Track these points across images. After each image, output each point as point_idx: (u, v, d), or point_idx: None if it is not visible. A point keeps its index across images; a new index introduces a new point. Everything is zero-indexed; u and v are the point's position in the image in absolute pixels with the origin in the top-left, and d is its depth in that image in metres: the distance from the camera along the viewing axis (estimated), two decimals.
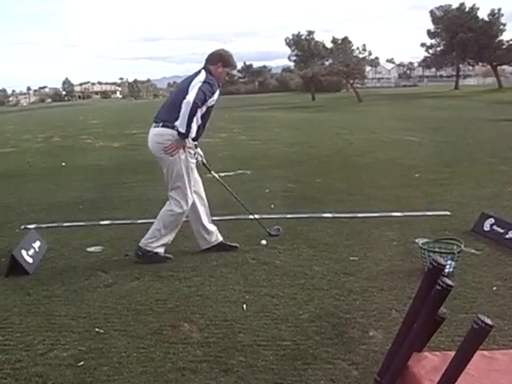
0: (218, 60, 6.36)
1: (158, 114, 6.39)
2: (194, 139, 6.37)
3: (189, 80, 6.25)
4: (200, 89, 6.01)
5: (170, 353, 4.22)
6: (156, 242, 6.40)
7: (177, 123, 6.03)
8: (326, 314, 4.84)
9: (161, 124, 6.25)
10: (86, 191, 10.76)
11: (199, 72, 6.28)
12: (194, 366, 4.01)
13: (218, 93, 6.35)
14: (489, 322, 2.41)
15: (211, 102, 6.25)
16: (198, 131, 6.30)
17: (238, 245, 6.83)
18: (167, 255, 6.50)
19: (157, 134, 6.27)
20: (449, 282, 2.76)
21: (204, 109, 6.21)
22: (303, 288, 5.45)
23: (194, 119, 6.06)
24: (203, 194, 6.76)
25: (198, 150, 6.77)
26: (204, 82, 6.10)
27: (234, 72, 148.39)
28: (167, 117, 6.22)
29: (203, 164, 6.90)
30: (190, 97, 5.95)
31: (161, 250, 6.45)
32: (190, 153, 6.34)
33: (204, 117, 6.32)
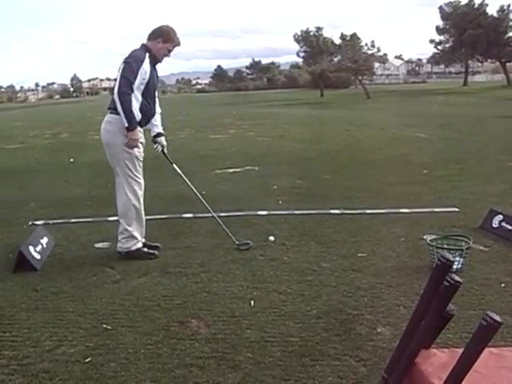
0: (158, 35, 6.19)
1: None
2: (140, 124, 6.21)
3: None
4: (122, 76, 5.89)
5: (178, 349, 4.21)
6: (128, 240, 6.37)
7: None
8: (333, 311, 4.83)
9: (109, 111, 6.22)
10: (93, 187, 10.77)
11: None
12: (201, 362, 4.00)
13: (149, 67, 6.10)
14: (497, 318, 2.40)
15: (142, 80, 6.04)
16: (143, 111, 6.19)
17: (159, 245, 6.73)
18: (151, 251, 6.46)
19: (105, 121, 6.26)
20: (457, 278, 2.75)
21: (142, 87, 6.07)
22: (311, 284, 5.44)
23: (132, 107, 5.98)
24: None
25: (162, 138, 6.67)
26: (124, 62, 5.95)
27: (243, 69, 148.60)
28: (111, 102, 6.14)
29: (163, 153, 6.72)
30: (115, 89, 5.92)
31: (139, 245, 6.42)
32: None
33: (145, 94, 6.16)
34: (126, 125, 5.98)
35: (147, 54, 6.10)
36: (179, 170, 6.75)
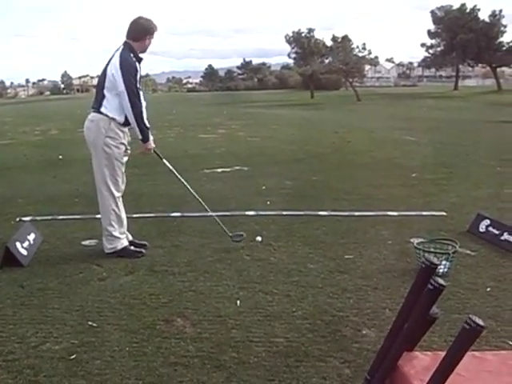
0: (143, 33, 6.16)
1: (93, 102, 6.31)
2: (125, 123, 6.20)
3: (106, 64, 6.14)
4: (130, 91, 5.96)
5: (163, 347, 4.21)
6: (112, 241, 6.38)
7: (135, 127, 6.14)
8: (319, 312, 4.83)
9: (92, 110, 6.22)
10: (82, 185, 10.72)
11: (116, 52, 6.11)
12: (186, 361, 4.00)
13: (139, 69, 6.19)
14: (480, 322, 2.41)
15: (138, 77, 6.16)
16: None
17: (146, 243, 6.77)
18: (137, 250, 6.47)
19: (88, 119, 6.25)
20: (441, 281, 2.76)
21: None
22: (297, 285, 5.45)
23: (144, 119, 6.14)
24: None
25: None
26: (122, 73, 5.92)
27: (233, 68, 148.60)
28: (95, 102, 6.17)
29: (154, 151, 6.67)
30: (128, 106, 5.98)
31: (125, 243, 6.44)
32: (115, 139, 6.17)
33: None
34: (140, 137, 6.17)
35: (132, 55, 6.10)
36: (170, 166, 6.75)
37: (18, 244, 6.19)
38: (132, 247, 6.47)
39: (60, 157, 15.20)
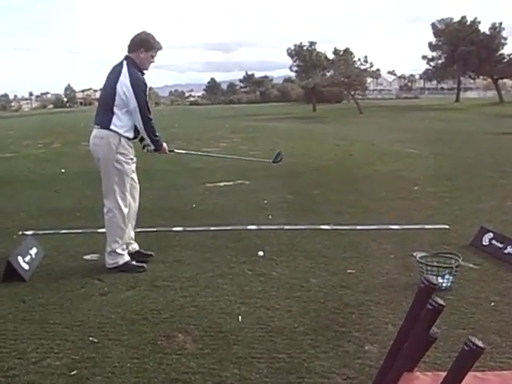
0: (140, 45, 6.17)
1: (95, 117, 6.31)
2: (133, 138, 6.29)
3: (113, 81, 6.10)
4: (142, 107, 6.04)
5: (164, 363, 4.19)
6: (114, 257, 6.36)
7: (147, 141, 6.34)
8: (321, 328, 4.81)
9: (97, 126, 6.22)
10: (84, 198, 10.73)
11: (121, 68, 6.11)
12: (187, 377, 3.98)
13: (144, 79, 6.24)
14: (480, 344, 2.39)
15: (148, 91, 6.23)
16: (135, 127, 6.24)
17: (152, 253, 6.83)
18: (139, 264, 6.43)
19: (95, 136, 6.24)
20: (440, 301, 2.73)
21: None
22: (299, 300, 5.42)
23: (156, 131, 6.26)
24: (136, 203, 6.66)
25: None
26: (134, 90, 5.98)
27: (236, 82, 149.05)
28: (102, 119, 6.16)
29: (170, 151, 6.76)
30: (141, 123, 6.08)
31: (127, 258, 6.41)
32: (125, 155, 6.20)
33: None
34: (153, 148, 6.40)
35: (137, 69, 6.13)
36: (183, 151, 6.81)
37: (19, 258, 6.18)
38: (134, 262, 6.44)
39: (62, 170, 15.20)
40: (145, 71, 6.30)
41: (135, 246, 6.77)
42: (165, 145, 6.52)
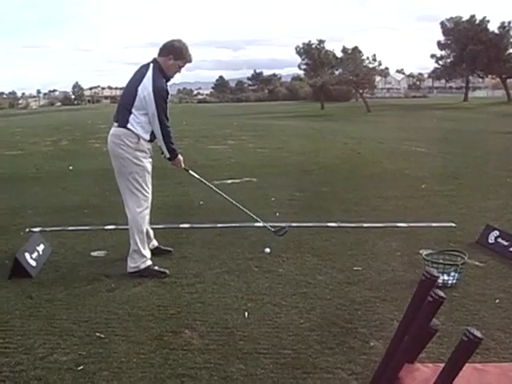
0: (170, 52, 6.10)
1: (115, 114, 6.29)
2: (150, 140, 6.23)
3: (136, 82, 6.07)
4: (161, 117, 6.00)
5: (170, 359, 4.21)
6: (136, 260, 6.19)
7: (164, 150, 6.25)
8: (327, 324, 4.83)
9: (116, 124, 6.21)
10: (91, 196, 10.77)
11: (146, 71, 6.06)
12: (193, 372, 4.00)
13: (168, 86, 6.19)
14: (478, 334, 2.41)
15: (168, 99, 6.15)
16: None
17: (171, 249, 6.88)
18: (161, 270, 6.23)
19: (112, 134, 6.19)
20: (441, 293, 2.75)
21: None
22: (305, 297, 5.44)
23: (172, 139, 6.21)
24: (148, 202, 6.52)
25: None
26: (154, 97, 5.92)
27: (244, 80, 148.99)
28: (121, 117, 6.13)
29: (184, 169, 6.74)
30: (159, 130, 6.05)
31: (149, 263, 6.24)
32: (143, 151, 6.17)
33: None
34: (168, 156, 6.30)
35: (162, 75, 6.08)
36: (197, 175, 6.81)
37: (27, 255, 6.21)
38: (156, 267, 6.27)
39: (70, 167, 15.22)
40: (169, 80, 6.25)
41: (154, 243, 6.79)
42: (180, 157, 6.46)
